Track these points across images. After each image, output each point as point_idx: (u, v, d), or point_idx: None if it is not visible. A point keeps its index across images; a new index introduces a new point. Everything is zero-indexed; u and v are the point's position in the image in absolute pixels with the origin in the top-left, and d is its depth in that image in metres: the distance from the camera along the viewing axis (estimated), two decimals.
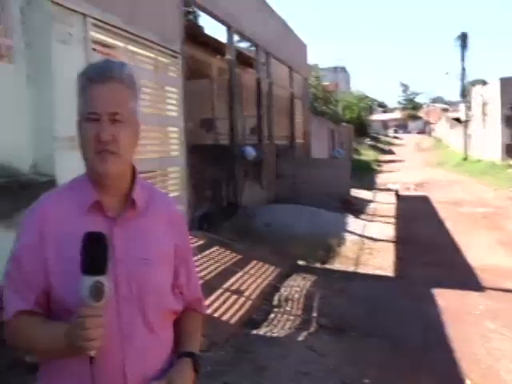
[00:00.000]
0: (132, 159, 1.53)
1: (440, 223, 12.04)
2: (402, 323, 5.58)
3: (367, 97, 52.92)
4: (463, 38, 36.18)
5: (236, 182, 10.23)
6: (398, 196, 16.53)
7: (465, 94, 35.57)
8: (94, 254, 1.28)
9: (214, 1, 9.13)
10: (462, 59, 36.37)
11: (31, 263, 1.42)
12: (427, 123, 71.35)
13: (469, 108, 33.93)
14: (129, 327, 1.42)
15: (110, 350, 1.36)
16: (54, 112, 4.76)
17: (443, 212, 13.44)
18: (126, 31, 5.98)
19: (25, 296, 1.42)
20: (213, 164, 9.23)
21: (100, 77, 1.42)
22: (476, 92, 32.57)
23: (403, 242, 9.71)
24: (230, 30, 10.24)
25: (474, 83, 36.34)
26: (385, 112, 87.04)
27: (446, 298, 6.36)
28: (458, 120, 39.93)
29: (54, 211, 1.46)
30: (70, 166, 4.97)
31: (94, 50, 5.48)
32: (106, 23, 5.60)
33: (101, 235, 1.30)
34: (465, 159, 32.00)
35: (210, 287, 5.69)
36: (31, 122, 4.75)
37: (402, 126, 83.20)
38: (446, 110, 63.15)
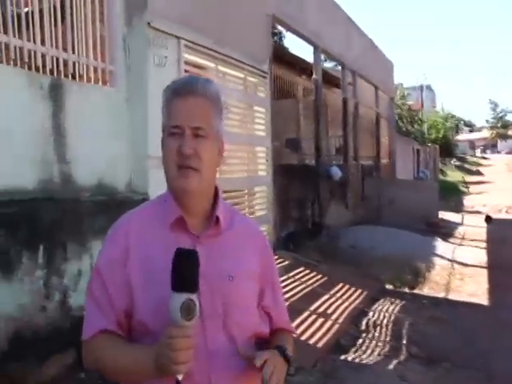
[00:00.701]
0: (214, 178, 1.50)
1: None
2: (500, 355, 5.21)
3: (453, 116, 51.09)
4: None
5: (321, 203, 10.13)
6: (489, 219, 15.72)
7: None
8: (186, 271, 1.23)
9: (302, 21, 9.18)
10: None
11: (114, 279, 1.39)
12: None
13: None
14: (214, 344, 1.38)
15: (197, 367, 1.31)
16: (148, 132, 4.94)
17: None
18: (216, 52, 6.13)
19: (107, 315, 1.38)
20: (298, 184, 9.19)
21: (184, 90, 1.41)
22: None
23: (497, 268, 9.15)
24: (317, 50, 10.24)
25: None
26: (471, 131, 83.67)
27: None
28: None
29: (137, 226, 1.44)
30: (161, 184, 5.16)
31: (186, 71, 5.65)
32: (198, 44, 5.76)
33: (193, 252, 1.26)
34: None
35: (296, 309, 5.61)
36: (127, 143, 4.95)
37: (490, 146, 79.63)
38: None
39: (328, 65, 17.81)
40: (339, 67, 12.90)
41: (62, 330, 4.02)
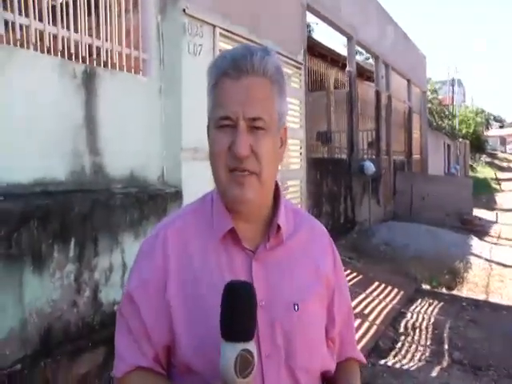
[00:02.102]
0: (275, 178, 1.19)
1: None
2: None
3: (483, 111, 50.06)
4: None
5: (353, 198, 9.88)
6: None
7: None
8: (239, 313, 0.94)
9: (336, 11, 8.92)
10: None
11: (150, 306, 1.11)
12: None
13: None
14: None
15: None
16: (182, 124, 4.77)
17: None
18: (251, 41, 5.92)
19: (142, 348, 1.11)
20: (331, 178, 8.94)
21: (235, 69, 1.07)
22: None
23: None
24: (351, 41, 9.96)
25: None
26: (502, 127, 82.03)
27: None
28: None
29: (178, 239, 1.14)
30: (195, 177, 5.01)
31: None
32: (233, 33, 5.57)
33: (247, 287, 0.96)
34: None
35: None
36: (160, 134, 4.80)
37: None
38: None
39: (358, 57, 17.49)
40: (369, 60, 12.59)
41: (93, 327, 3.89)
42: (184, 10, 4.72)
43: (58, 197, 3.74)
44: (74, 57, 3.97)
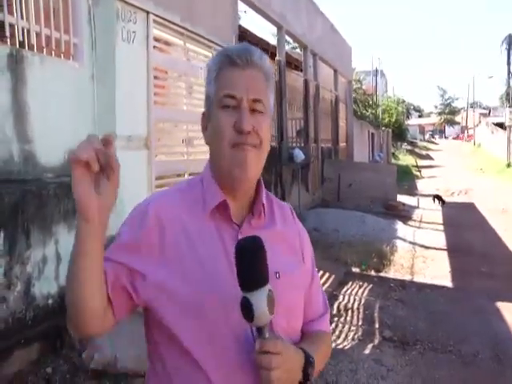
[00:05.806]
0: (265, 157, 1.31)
1: (492, 232, 11.58)
2: (470, 337, 5.28)
3: (404, 101, 52.05)
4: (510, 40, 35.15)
5: (283, 185, 10.03)
6: (443, 202, 16.07)
7: (509, 98, 34.60)
8: (256, 263, 1.08)
9: (267, 1, 8.97)
10: (508, 63, 35.35)
11: (139, 257, 1.19)
12: (465, 128, 69.94)
13: None
14: None
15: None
16: (116, 111, 4.66)
17: (493, 220, 12.93)
18: (184, 29, 5.86)
19: (122, 258, 1.19)
20: None
21: (242, 60, 1.22)
22: None
23: (456, 251, 9.35)
24: (281, 31, 10.06)
25: None
26: (420, 116, 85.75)
27: None
28: (499, 125, 38.84)
29: (170, 214, 1.22)
30: (128, 165, 4.91)
31: (155, 47, 5.37)
32: (167, 20, 5.49)
33: (254, 240, 1.09)
34: (508, 165, 31.03)
35: None
36: (93, 121, 4.66)
37: (438, 131, 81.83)
38: (484, 115, 61.65)
39: (286, 47, 17.65)
40: (296, 50, 12.76)
41: (26, 323, 3.75)
42: None
43: None
44: None
